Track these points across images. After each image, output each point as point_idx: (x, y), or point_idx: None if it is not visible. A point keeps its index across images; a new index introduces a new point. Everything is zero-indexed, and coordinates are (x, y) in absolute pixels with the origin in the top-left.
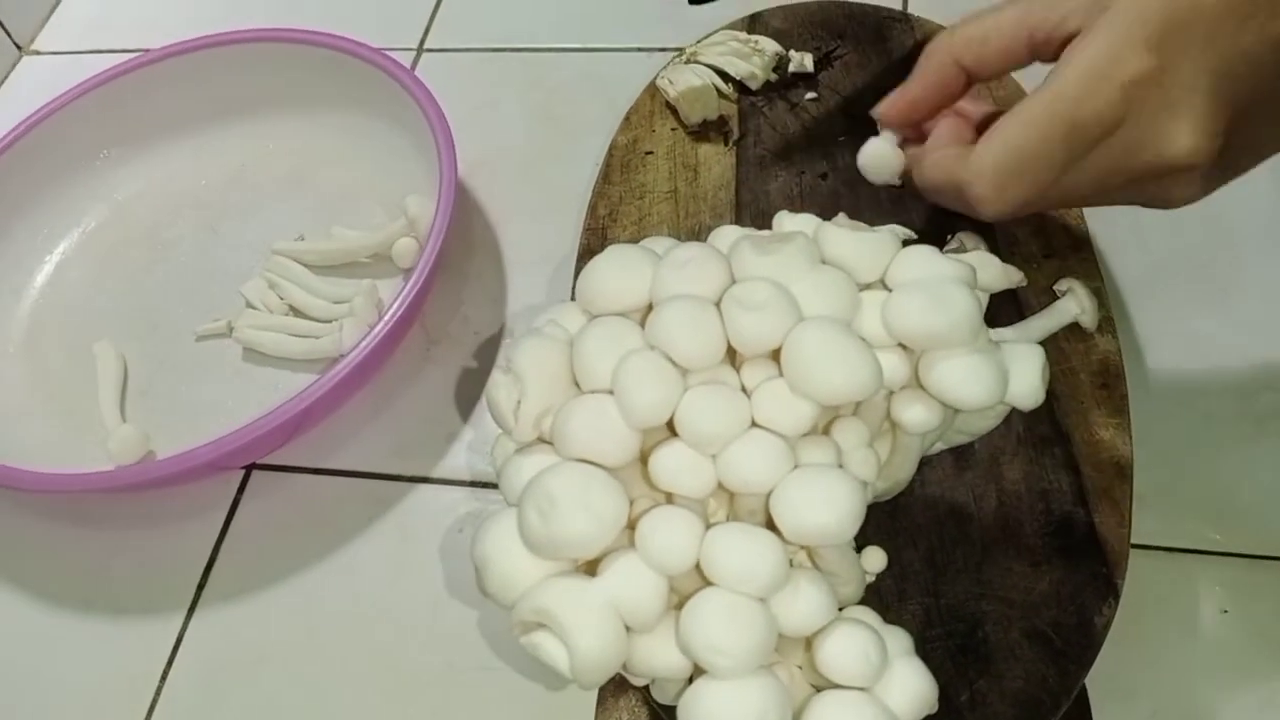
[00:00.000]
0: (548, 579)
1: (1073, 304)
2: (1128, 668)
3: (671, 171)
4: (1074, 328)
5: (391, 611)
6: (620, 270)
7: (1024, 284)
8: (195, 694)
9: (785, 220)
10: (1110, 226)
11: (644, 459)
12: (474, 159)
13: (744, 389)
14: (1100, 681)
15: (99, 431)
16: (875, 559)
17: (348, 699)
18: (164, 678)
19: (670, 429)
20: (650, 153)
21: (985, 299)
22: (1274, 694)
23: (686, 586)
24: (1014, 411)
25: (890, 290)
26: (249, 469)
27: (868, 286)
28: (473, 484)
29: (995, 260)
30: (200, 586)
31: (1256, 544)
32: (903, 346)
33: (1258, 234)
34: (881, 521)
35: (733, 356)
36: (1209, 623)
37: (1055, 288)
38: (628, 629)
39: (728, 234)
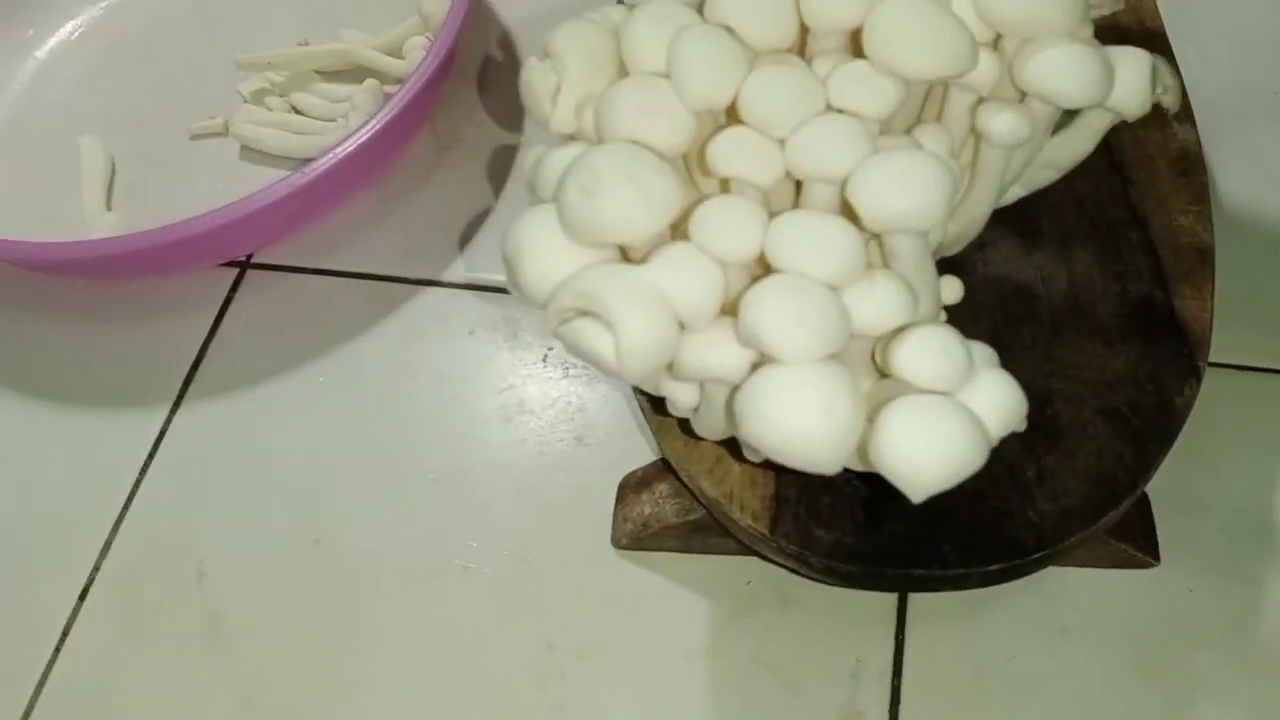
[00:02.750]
0: (591, 266)
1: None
2: (1197, 481)
3: None
4: (1152, 115)
5: (393, 414)
6: None
7: (1121, 7)
8: (178, 488)
9: None
10: (1181, 40)
11: (692, 167)
12: None
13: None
14: (1166, 493)
15: (82, 229)
16: (952, 287)
17: (345, 496)
18: (144, 471)
19: (728, 122)
20: None
21: None
22: None
23: (739, 288)
24: (1086, 195)
25: None
26: (243, 267)
27: None
28: (484, 288)
29: None
30: (187, 382)
31: None
32: (993, 45)
33: None
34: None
35: (802, 53)
36: None
37: None
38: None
39: None
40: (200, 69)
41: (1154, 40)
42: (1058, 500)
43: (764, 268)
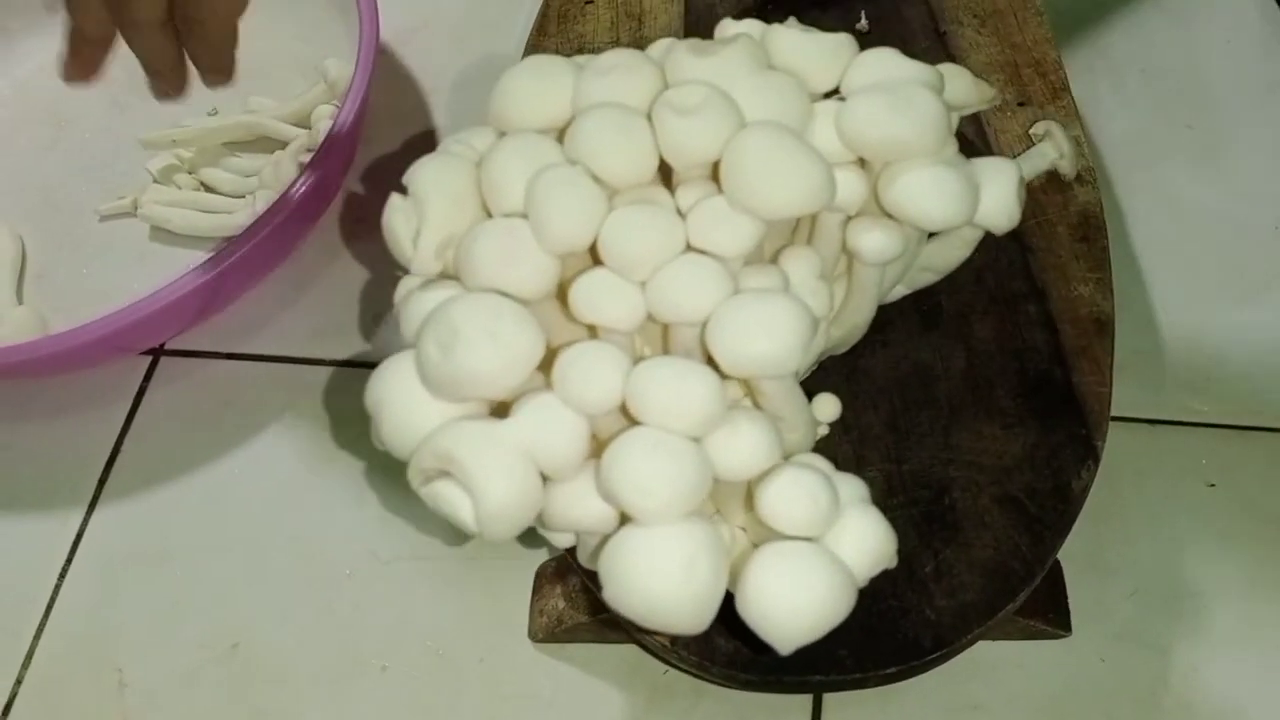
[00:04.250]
0: (451, 422)
1: (1050, 148)
2: (1106, 544)
3: (614, 21)
4: (1051, 178)
5: (311, 503)
6: (537, 80)
7: (997, 102)
8: (97, 592)
9: (728, 26)
10: (1089, 82)
11: (563, 298)
12: (402, 26)
13: (679, 213)
14: (1077, 559)
15: None
16: (828, 406)
17: (262, 595)
18: (63, 576)
19: (593, 258)
20: (590, 1)
21: (955, 121)
22: (1263, 568)
23: (609, 432)
24: (985, 267)
25: (846, 99)
26: (156, 354)
27: (823, 97)
28: None
29: (966, 73)
30: (102, 480)
31: (1244, 414)
32: (860, 163)
33: (1246, 93)
34: (838, 384)
35: (666, 179)
36: (1194, 497)
37: (1031, 132)
38: (543, 477)
39: (663, 44)
40: (109, 144)
41: (1057, 94)
42: (954, 596)
43: (630, 415)
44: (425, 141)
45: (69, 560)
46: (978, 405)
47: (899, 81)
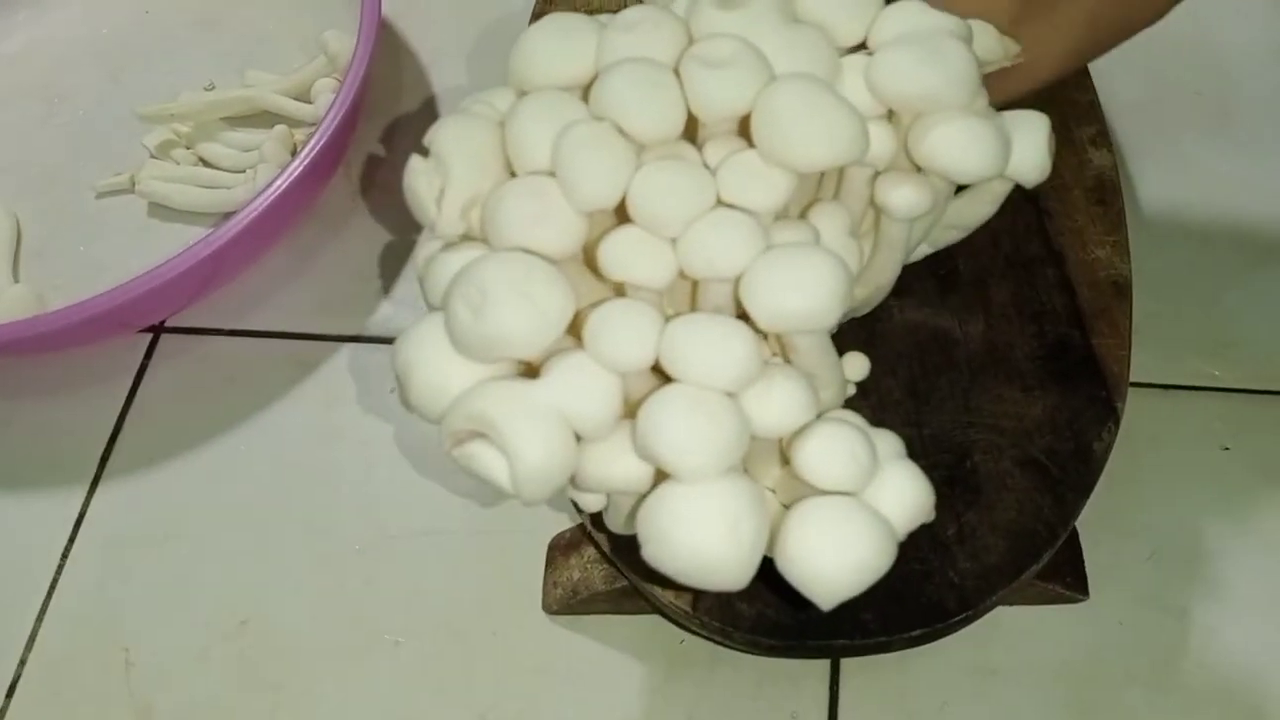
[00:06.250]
0: (483, 383)
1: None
2: (1122, 509)
3: None
4: (1065, 141)
5: (317, 480)
6: (559, 37)
7: (1021, 59)
8: (100, 571)
9: None
10: None
11: (589, 259)
12: None
13: (708, 168)
14: (1093, 523)
15: None
16: (858, 364)
17: (271, 572)
18: (65, 555)
19: (620, 217)
20: None
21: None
22: (1279, 530)
23: (640, 391)
24: (1002, 231)
25: (873, 53)
26: (157, 331)
27: (848, 52)
28: None
29: (990, 28)
30: (104, 458)
31: (1258, 378)
32: (888, 117)
33: (1256, 59)
34: (857, 349)
35: (692, 135)
36: (1210, 461)
37: None
38: (577, 437)
39: None
40: (105, 120)
41: None
42: (978, 559)
43: (663, 372)
44: (428, 112)
45: (71, 539)
46: (997, 368)
47: (928, 33)
